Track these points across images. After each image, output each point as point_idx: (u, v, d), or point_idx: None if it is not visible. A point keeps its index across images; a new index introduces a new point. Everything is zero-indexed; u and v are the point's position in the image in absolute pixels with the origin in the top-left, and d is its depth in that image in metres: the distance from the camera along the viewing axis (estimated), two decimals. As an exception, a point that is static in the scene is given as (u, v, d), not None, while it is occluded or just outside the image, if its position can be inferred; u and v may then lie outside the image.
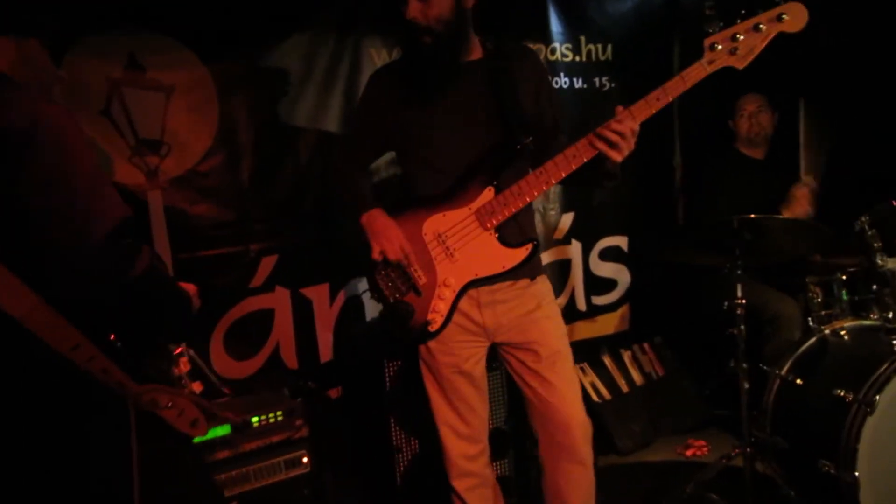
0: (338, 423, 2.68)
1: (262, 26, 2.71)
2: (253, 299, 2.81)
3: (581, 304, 3.58)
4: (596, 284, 3.60)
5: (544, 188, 1.85)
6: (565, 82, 3.34)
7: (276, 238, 2.83)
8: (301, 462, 2.37)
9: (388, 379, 2.56)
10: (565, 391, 1.96)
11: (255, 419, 2.35)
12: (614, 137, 1.71)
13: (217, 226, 2.72)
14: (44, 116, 1.06)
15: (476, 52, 1.94)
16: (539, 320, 1.97)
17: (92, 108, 2.48)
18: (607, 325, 3.65)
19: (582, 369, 3.39)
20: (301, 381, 2.81)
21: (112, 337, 1.11)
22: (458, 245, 1.90)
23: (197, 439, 2.23)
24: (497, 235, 1.89)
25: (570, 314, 3.54)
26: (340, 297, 2.99)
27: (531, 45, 3.25)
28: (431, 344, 2.00)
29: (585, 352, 3.46)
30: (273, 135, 2.79)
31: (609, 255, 3.61)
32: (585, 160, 1.78)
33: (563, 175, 1.81)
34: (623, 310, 3.68)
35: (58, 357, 1.06)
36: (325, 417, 2.66)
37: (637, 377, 3.49)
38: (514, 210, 1.86)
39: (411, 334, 1.96)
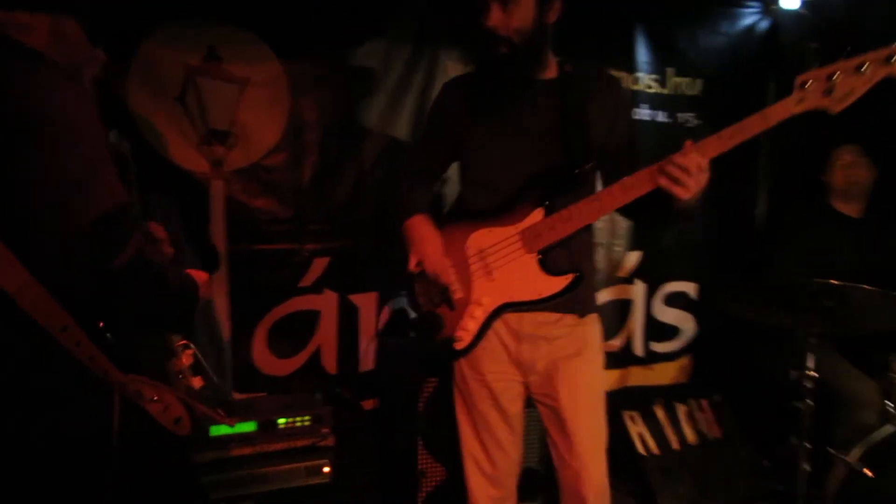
0: (366, 437, 2.61)
1: (341, 28, 2.70)
2: (300, 299, 2.80)
3: (638, 349, 3.38)
4: (657, 330, 3.40)
5: (596, 217, 1.75)
6: (646, 114, 3.19)
7: (330, 240, 2.81)
8: (322, 471, 2.32)
9: (422, 398, 2.48)
10: (583, 450, 1.83)
11: (281, 420, 2.32)
12: (676, 172, 1.57)
13: (274, 221, 2.73)
14: (57, 96, 1.05)
15: (551, 72, 1.85)
16: (575, 367, 1.85)
17: (168, 94, 2.53)
18: (664, 374, 3.44)
19: (631, 418, 3.20)
20: (337, 388, 2.78)
21: (101, 324, 1.08)
22: (498, 264, 1.81)
23: (220, 432, 2.23)
24: (539, 260, 1.78)
25: (625, 358, 3.36)
26: (388, 309, 2.94)
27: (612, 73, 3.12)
28: (466, 370, 1.91)
29: (637, 400, 3.26)
30: (339, 137, 2.78)
31: (675, 300, 3.40)
32: (643, 192, 1.66)
33: (618, 205, 1.71)
34: (683, 361, 3.46)
35: (46, 339, 1.04)
36: (353, 429, 2.59)
37: (690, 435, 3.25)
38: (560, 235, 1.76)
39: (438, 348, 1.88)
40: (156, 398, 1.11)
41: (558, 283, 1.77)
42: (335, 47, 2.73)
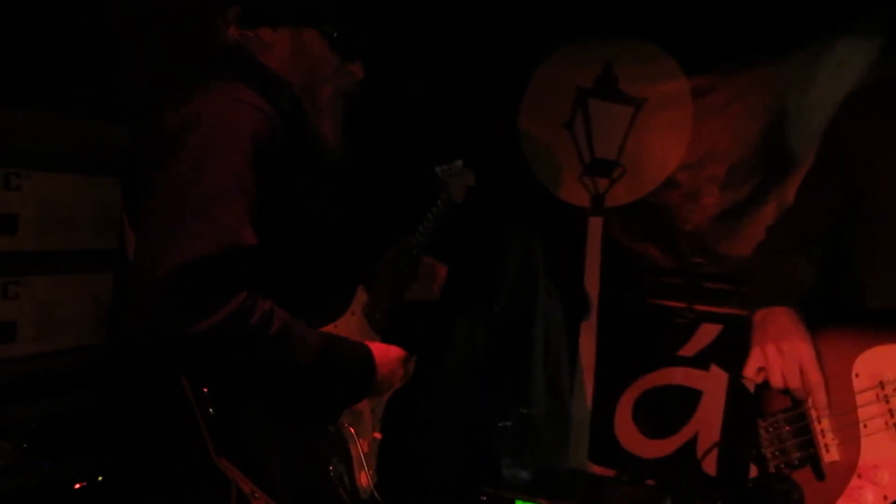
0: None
1: (775, 31, 2.05)
2: (679, 371, 2.28)
3: None
4: None
5: None
6: None
7: (726, 304, 2.21)
8: None
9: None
10: None
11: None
12: None
13: (657, 271, 2.30)
14: (201, 119, 0.91)
15: None
16: None
17: (555, 119, 2.36)
18: None
19: None
20: (708, 498, 2.14)
21: (205, 390, 0.88)
22: None
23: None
24: None
25: None
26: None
27: None
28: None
29: None
30: (753, 171, 2.14)
31: None
32: None
33: None
34: None
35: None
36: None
37: None
38: None
39: None
40: (257, 495, 0.88)
41: None
42: (764, 56, 2.09)
